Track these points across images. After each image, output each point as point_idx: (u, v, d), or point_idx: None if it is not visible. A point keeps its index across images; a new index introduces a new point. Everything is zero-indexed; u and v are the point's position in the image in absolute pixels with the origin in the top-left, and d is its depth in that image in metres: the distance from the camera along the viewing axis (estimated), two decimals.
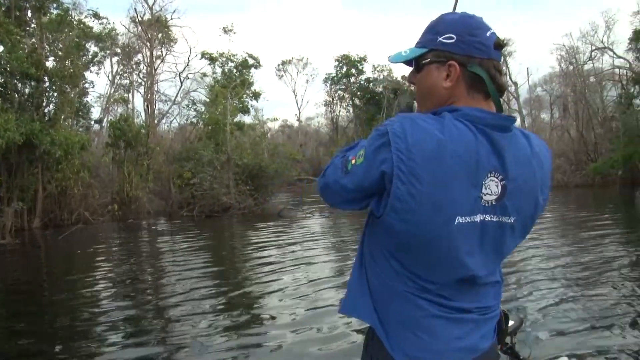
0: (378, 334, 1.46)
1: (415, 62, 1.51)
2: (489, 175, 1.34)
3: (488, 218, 1.37)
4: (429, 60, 1.46)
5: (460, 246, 1.36)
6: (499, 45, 1.42)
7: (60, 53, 19.83)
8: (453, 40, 1.41)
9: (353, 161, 1.41)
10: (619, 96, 34.86)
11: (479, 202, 1.35)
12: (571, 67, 38.18)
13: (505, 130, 1.38)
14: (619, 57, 34.54)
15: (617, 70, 35.25)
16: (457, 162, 1.30)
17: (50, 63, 19.46)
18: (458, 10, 1.55)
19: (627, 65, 33.50)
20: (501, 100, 1.46)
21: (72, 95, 19.99)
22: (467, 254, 1.38)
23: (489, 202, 1.36)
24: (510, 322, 1.80)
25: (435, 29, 1.46)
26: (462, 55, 1.40)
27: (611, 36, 48.90)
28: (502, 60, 1.47)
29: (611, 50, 35.53)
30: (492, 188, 1.35)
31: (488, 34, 1.42)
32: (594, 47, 36.54)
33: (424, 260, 1.39)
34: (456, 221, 1.33)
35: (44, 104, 18.96)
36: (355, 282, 1.55)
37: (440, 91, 1.44)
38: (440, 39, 1.43)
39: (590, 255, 9.49)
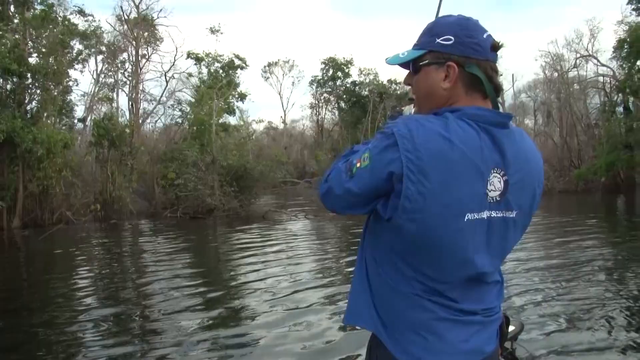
0: (383, 341, 1.46)
1: (413, 64, 1.53)
2: (492, 171, 1.38)
3: (494, 214, 1.41)
4: (427, 61, 1.48)
5: (469, 243, 1.39)
6: (495, 46, 1.46)
7: (43, 50, 19.50)
8: (451, 42, 1.44)
9: (358, 164, 1.41)
10: (602, 104, 35.26)
11: (485, 199, 1.38)
12: (555, 74, 38.50)
13: (504, 127, 1.42)
14: (603, 65, 34.89)
15: (600, 78, 35.60)
16: (464, 159, 1.33)
17: (33, 59, 19.16)
18: (441, 15, 1.58)
19: (611, 73, 33.86)
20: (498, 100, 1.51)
21: (56, 93, 19.66)
22: (475, 251, 1.41)
23: (494, 198, 1.39)
24: (511, 327, 1.84)
25: (432, 31, 1.49)
26: (460, 56, 1.43)
27: (595, 44, 49.40)
28: (497, 61, 1.50)
29: (595, 58, 35.87)
30: (495, 184, 1.39)
31: (484, 35, 1.46)
32: (578, 55, 36.87)
33: (433, 259, 1.40)
34: (466, 218, 1.36)
35: (26, 101, 18.66)
36: (357, 290, 1.55)
37: (439, 92, 1.47)
38: (439, 40, 1.46)
39: (570, 260, 9.58)
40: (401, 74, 1.62)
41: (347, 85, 47.56)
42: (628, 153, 29.15)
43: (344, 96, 47.69)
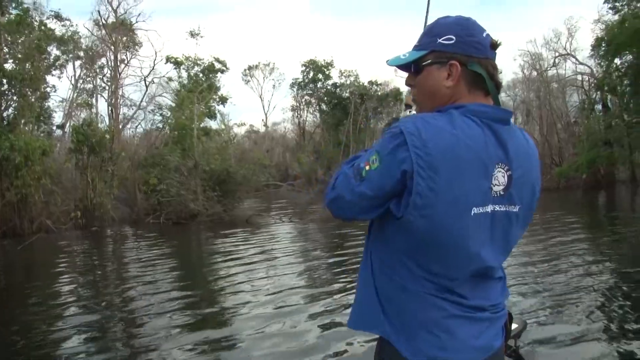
0: (393, 343, 1.48)
1: (415, 64, 1.56)
2: (496, 166, 1.42)
3: (497, 208, 1.44)
4: (429, 61, 1.51)
5: (475, 237, 1.42)
6: (494, 45, 1.51)
7: (19, 55, 19.11)
8: (453, 41, 1.48)
9: (367, 167, 1.43)
10: (581, 102, 35.66)
11: (489, 193, 1.41)
12: (535, 73, 38.86)
13: (505, 123, 1.47)
14: (581, 63, 35.32)
15: (579, 76, 36.01)
16: (470, 154, 1.37)
17: (9, 65, 18.77)
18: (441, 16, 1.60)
19: (589, 71, 34.25)
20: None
21: (33, 99, 19.29)
22: (481, 244, 1.44)
23: (498, 192, 1.43)
24: (514, 325, 1.88)
25: (433, 31, 1.53)
26: (462, 55, 1.47)
27: (574, 43, 50.01)
28: (496, 59, 1.54)
29: (574, 56, 36.32)
30: (499, 179, 1.43)
31: (484, 34, 1.50)
32: (557, 54, 37.26)
33: (442, 255, 1.42)
34: (472, 212, 1.39)
35: (2, 108, 18.25)
36: (363, 294, 1.58)
37: (442, 90, 1.50)
38: (440, 40, 1.50)
39: (554, 257, 9.70)
40: (381, 75, 1.61)
41: (328, 87, 47.64)
42: (608, 150, 29.54)
43: (325, 98, 47.77)
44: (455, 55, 1.47)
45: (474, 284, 1.49)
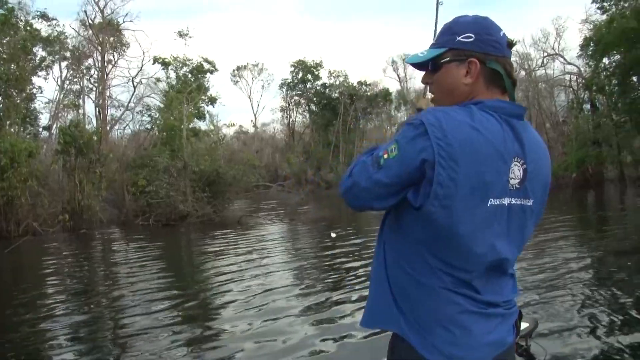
0: (408, 339, 1.47)
1: (433, 62, 1.58)
2: (513, 160, 1.44)
3: (514, 201, 1.46)
4: (448, 59, 1.54)
5: (492, 228, 1.44)
6: (510, 44, 1.55)
7: (4, 56, 18.85)
8: (472, 39, 1.51)
9: (385, 156, 1.45)
10: (570, 101, 35.83)
11: (507, 186, 1.44)
12: (523, 73, 39.01)
13: (521, 119, 1.50)
14: (569, 63, 35.51)
15: (567, 76, 36.19)
16: (489, 147, 1.39)
17: None
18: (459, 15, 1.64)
19: (577, 71, 34.42)
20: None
21: (19, 101, 19.05)
22: (498, 236, 1.46)
23: (514, 185, 1.45)
24: (524, 325, 1.92)
25: (452, 30, 1.56)
26: (481, 53, 1.50)
27: (562, 43, 50.23)
28: (511, 57, 1.58)
29: (562, 56, 36.51)
30: (515, 172, 1.45)
31: (501, 33, 1.54)
32: (545, 54, 37.45)
33: (460, 246, 1.43)
34: (489, 203, 1.41)
35: None
36: (377, 291, 1.58)
37: (461, 87, 1.53)
38: (459, 38, 1.53)
39: (545, 256, 9.69)
40: (370, 75, 1.58)
41: (317, 87, 47.73)
42: (596, 149, 29.68)
43: (315, 99, 47.83)
44: (474, 53, 1.50)
45: (488, 279, 1.50)
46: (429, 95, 1.71)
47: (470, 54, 1.51)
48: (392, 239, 1.55)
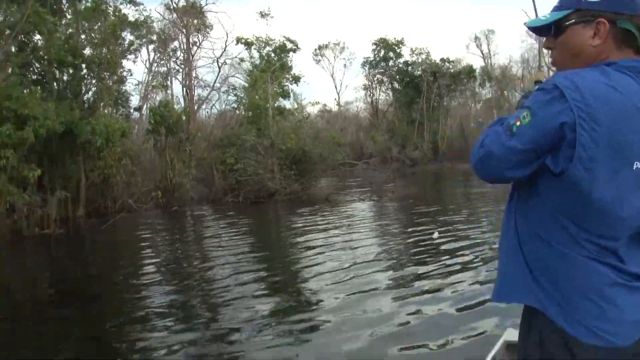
0: (546, 313, 1.39)
1: (556, 25, 1.49)
2: None
3: None
4: (573, 20, 1.45)
5: (637, 192, 1.34)
6: None
7: (96, 41, 19.38)
8: None
9: (518, 123, 1.37)
10: None
11: None
12: None
13: None
14: None
15: None
16: (629, 105, 1.30)
17: (87, 51, 19.05)
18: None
19: None
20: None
21: (111, 83, 19.59)
22: None
23: None
24: None
25: None
26: (610, 12, 1.40)
27: None
28: None
29: None
30: None
31: None
32: None
33: (604, 212, 1.33)
34: (634, 166, 1.32)
35: (82, 92, 18.55)
36: (509, 263, 1.49)
37: (588, 50, 1.44)
38: None
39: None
40: (453, 52, 1.14)
41: (400, 65, 46.93)
42: None
43: (397, 76, 47.09)
44: (602, 12, 1.41)
45: (631, 248, 1.40)
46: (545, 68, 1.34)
47: (598, 13, 1.41)
48: (525, 209, 1.46)
